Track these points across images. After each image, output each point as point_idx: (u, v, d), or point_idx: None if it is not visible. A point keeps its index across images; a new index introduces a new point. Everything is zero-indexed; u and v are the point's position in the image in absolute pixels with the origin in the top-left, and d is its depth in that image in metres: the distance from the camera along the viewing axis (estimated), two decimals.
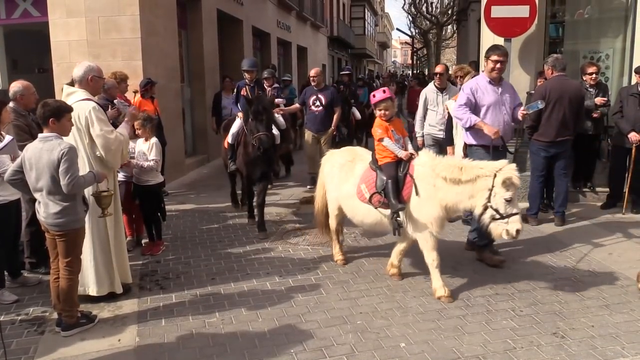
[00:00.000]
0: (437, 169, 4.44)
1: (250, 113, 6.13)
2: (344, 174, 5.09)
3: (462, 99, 5.35)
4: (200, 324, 4.23)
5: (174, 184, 9.25)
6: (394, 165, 4.73)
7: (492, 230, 4.29)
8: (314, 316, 4.30)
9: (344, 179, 5.08)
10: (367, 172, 4.93)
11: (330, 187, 5.31)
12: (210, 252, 5.89)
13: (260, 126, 6.09)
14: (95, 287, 4.57)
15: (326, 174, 5.38)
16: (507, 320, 4.19)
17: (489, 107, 5.35)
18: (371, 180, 4.82)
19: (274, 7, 18.62)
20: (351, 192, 4.98)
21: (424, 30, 38.83)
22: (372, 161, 4.97)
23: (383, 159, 4.80)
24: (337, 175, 5.16)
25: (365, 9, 42.00)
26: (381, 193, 4.71)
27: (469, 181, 4.28)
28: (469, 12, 18.26)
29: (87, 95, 4.51)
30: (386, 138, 4.76)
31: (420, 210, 4.55)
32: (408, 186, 4.62)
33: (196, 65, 11.83)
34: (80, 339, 3.99)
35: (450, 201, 4.41)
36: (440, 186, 4.42)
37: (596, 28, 8.44)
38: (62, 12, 8.78)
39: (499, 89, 5.41)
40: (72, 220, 3.95)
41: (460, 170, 4.33)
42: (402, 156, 4.71)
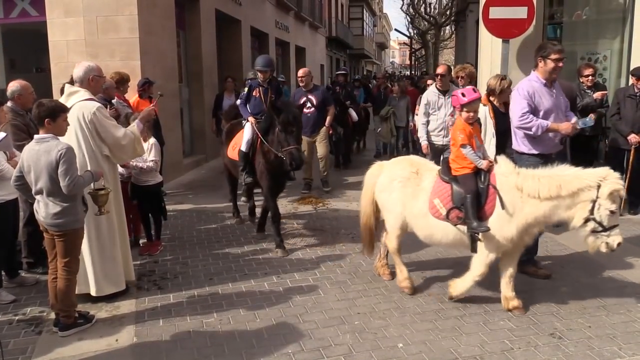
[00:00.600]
0: (526, 182, 4.01)
1: (279, 123, 5.52)
2: (410, 189, 4.51)
3: (522, 105, 4.76)
4: (198, 324, 4.23)
5: (172, 184, 9.25)
6: (473, 177, 4.25)
7: (590, 244, 3.94)
8: (312, 316, 4.31)
9: (410, 195, 4.49)
10: (438, 185, 4.40)
11: (388, 204, 4.68)
12: (208, 252, 5.89)
13: (290, 139, 5.51)
14: (95, 287, 4.56)
15: (381, 188, 4.75)
16: (504, 320, 4.19)
17: (548, 113, 4.84)
18: (446, 194, 4.31)
19: (273, 7, 18.62)
20: (423, 210, 4.42)
21: (422, 31, 38.89)
22: (442, 171, 4.48)
23: (460, 169, 4.31)
24: (399, 190, 4.55)
25: (364, 10, 42.03)
26: (460, 208, 4.22)
27: (568, 194, 3.89)
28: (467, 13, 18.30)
29: (89, 94, 4.51)
30: (468, 145, 4.27)
31: (502, 226, 4.10)
32: (492, 199, 4.16)
33: (194, 65, 11.82)
34: (77, 339, 3.99)
35: (541, 214, 4.00)
36: (529, 199, 4.00)
37: (594, 29, 8.46)
38: (60, 12, 8.77)
39: (554, 91, 4.94)
40: (72, 220, 3.95)
41: (556, 182, 3.92)
42: (483, 167, 4.24)
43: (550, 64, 4.78)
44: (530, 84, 4.88)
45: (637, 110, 6.79)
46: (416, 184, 4.51)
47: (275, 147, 5.68)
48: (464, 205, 4.19)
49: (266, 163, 5.89)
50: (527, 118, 4.74)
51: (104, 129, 4.46)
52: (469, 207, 4.16)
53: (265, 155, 5.90)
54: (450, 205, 4.26)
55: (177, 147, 10.35)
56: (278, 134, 5.57)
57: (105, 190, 4.30)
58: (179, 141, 10.49)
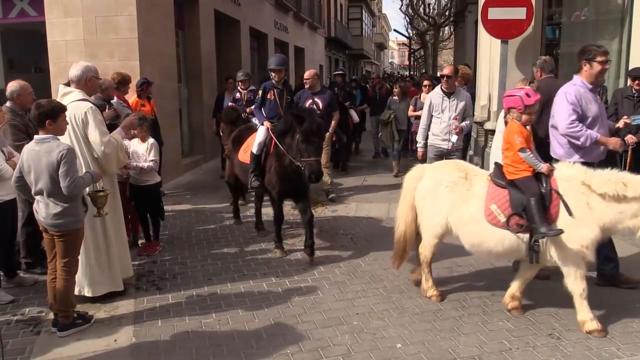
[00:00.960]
0: (594, 184, 3.84)
1: (301, 132, 5.22)
2: (459, 195, 4.25)
3: (570, 112, 4.49)
4: (196, 324, 4.23)
5: (170, 184, 9.24)
6: (534, 180, 4.04)
7: None
8: (311, 317, 4.31)
9: (459, 201, 4.24)
10: (494, 190, 4.17)
11: (430, 212, 4.42)
12: (207, 253, 5.89)
13: (311, 150, 5.23)
14: (89, 288, 4.56)
15: (423, 194, 4.49)
16: (503, 321, 4.20)
17: (595, 120, 4.55)
18: (503, 199, 4.09)
19: (272, 7, 18.62)
20: (476, 216, 4.16)
21: (421, 32, 38.94)
22: (495, 175, 4.25)
23: (518, 172, 4.09)
24: (446, 196, 4.30)
25: (363, 10, 42.02)
26: (521, 215, 3.99)
27: (636, 198, 3.71)
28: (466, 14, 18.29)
29: (83, 95, 4.51)
30: (527, 149, 4.08)
31: (572, 233, 3.86)
32: (555, 204, 3.95)
33: (193, 65, 11.81)
34: (76, 339, 3.99)
35: (607, 221, 3.82)
36: (595, 204, 3.83)
37: (593, 30, 8.46)
38: (59, 12, 8.76)
39: (597, 97, 4.67)
40: (72, 220, 3.96)
41: (624, 185, 3.73)
42: (544, 171, 4.04)
43: (596, 67, 4.55)
44: (577, 89, 4.58)
45: (635, 110, 6.80)
46: (465, 189, 4.26)
47: (293, 154, 5.42)
48: (525, 211, 3.96)
49: (279, 167, 5.62)
50: (576, 126, 4.46)
51: (91, 130, 4.41)
52: (534, 212, 3.90)
53: (279, 159, 5.64)
54: (509, 212, 4.02)
55: (176, 147, 10.34)
56: (299, 143, 5.28)
57: (104, 192, 4.32)
58: (177, 141, 10.48)
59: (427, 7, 37.77)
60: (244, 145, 6.31)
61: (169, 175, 9.24)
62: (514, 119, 4.20)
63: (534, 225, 3.89)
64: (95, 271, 4.55)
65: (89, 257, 4.52)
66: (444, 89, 6.72)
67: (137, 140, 5.79)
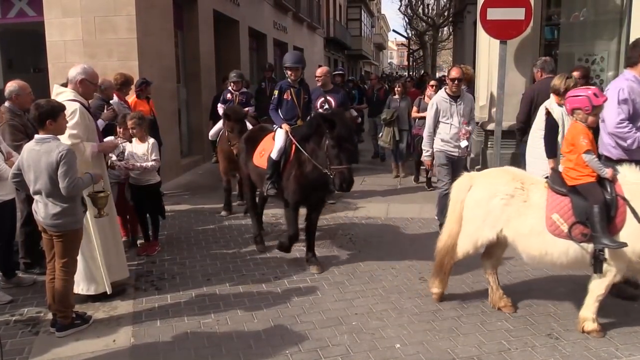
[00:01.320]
0: None
1: (332, 137, 4.78)
2: (515, 208, 3.99)
3: (619, 110, 4.33)
4: (195, 324, 4.22)
5: (169, 185, 9.24)
6: (597, 186, 3.81)
7: None
8: (310, 317, 4.31)
9: (516, 214, 3.98)
10: (553, 198, 3.93)
11: (479, 223, 4.15)
12: (206, 253, 5.89)
13: (344, 157, 4.80)
14: (85, 285, 4.56)
15: (475, 205, 4.20)
16: (501, 321, 4.20)
17: None
18: (565, 208, 3.84)
19: (271, 8, 18.62)
20: (537, 228, 3.91)
21: (420, 32, 38.98)
22: (554, 182, 4.01)
23: (581, 177, 3.86)
24: (502, 210, 4.02)
25: (362, 11, 42.04)
26: (585, 223, 3.75)
27: None
28: (465, 14, 18.31)
29: (74, 96, 4.47)
30: (592, 152, 3.86)
31: (637, 241, 3.67)
32: (621, 212, 3.73)
33: (192, 65, 11.81)
34: (75, 340, 3.99)
35: None
36: None
37: (591, 31, 8.48)
38: (58, 12, 8.76)
39: None
40: (71, 221, 3.96)
41: None
42: (608, 176, 3.82)
43: None
44: (630, 84, 4.38)
45: None
46: (522, 200, 4.00)
47: (319, 161, 5.02)
48: (589, 219, 3.73)
49: (300, 175, 5.24)
50: (625, 127, 4.30)
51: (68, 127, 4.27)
52: (597, 221, 3.68)
53: (300, 166, 5.26)
54: (572, 220, 3.79)
55: (175, 148, 10.34)
56: (329, 149, 4.82)
57: (104, 192, 4.31)
58: (176, 141, 10.47)
59: (426, 8, 37.79)
60: (259, 149, 5.86)
61: (168, 176, 9.24)
62: (578, 120, 3.99)
63: (596, 234, 3.69)
64: (91, 269, 4.54)
65: (84, 255, 4.50)
66: (450, 92, 6.31)
67: (136, 140, 5.79)
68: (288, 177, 5.37)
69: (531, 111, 6.23)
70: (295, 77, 5.93)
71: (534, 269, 5.22)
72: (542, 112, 5.05)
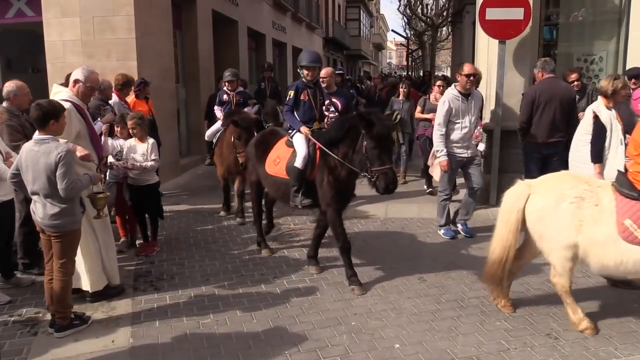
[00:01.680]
0: None
1: (372, 137, 4.51)
2: (589, 211, 3.74)
3: None
4: (194, 325, 4.22)
5: (168, 185, 9.23)
6: None
7: None
8: (309, 317, 4.31)
9: (590, 218, 3.73)
10: (623, 202, 3.70)
11: (554, 234, 3.88)
12: (205, 253, 5.88)
13: (386, 157, 4.58)
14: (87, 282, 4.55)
15: (541, 215, 3.94)
16: (500, 321, 4.20)
17: None
18: (638, 213, 3.63)
19: (270, 8, 18.62)
20: (612, 235, 3.67)
21: (419, 32, 38.96)
22: (620, 185, 3.79)
23: None
24: (573, 214, 3.76)
25: (361, 11, 42.03)
26: None
27: None
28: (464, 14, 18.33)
29: (69, 96, 4.45)
30: None
31: None
32: None
33: (191, 65, 11.80)
34: (73, 340, 3.98)
35: None
36: None
37: (590, 31, 8.48)
38: (57, 12, 8.75)
39: None
40: (69, 221, 3.95)
41: None
42: None
43: None
44: None
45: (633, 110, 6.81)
46: (594, 204, 3.74)
47: (356, 164, 4.74)
48: None
49: (335, 181, 4.92)
50: None
51: None
52: None
53: (333, 172, 4.92)
54: None
55: (174, 148, 10.33)
56: (368, 150, 4.56)
57: (103, 193, 4.31)
58: (175, 142, 10.46)
59: (424, 8, 37.79)
60: (272, 155, 5.50)
61: (167, 176, 9.23)
62: None
63: None
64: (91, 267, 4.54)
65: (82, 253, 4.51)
66: (462, 89, 6.03)
67: (136, 140, 5.78)
68: (320, 184, 5.01)
69: (532, 111, 6.24)
70: (312, 77, 5.61)
71: (531, 270, 5.23)
72: (589, 115, 4.92)
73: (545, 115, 6.26)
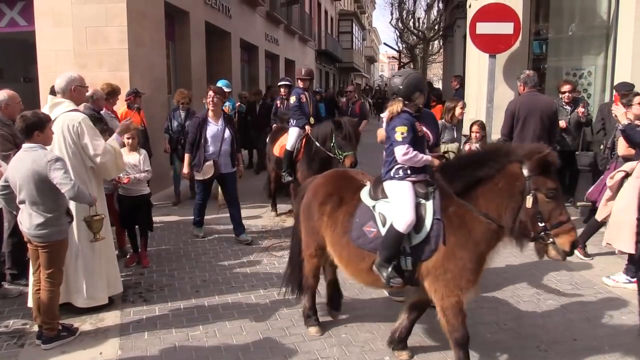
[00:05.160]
0: None
1: None
2: None
3: None
4: (183, 337, 4.19)
5: (158, 196, 9.19)
6: None
7: None
8: (299, 329, 4.28)
9: None
10: None
11: None
12: (195, 265, 5.85)
13: None
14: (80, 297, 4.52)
15: None
16: (491, 334, 4.20)
17: None
18: None
19: (262, 20, 18.71)
20: None
21: (411, 45, 39.31)
22: None
23: None
24: None
25: (353, 24, 42.33)
26: None
27: None
28: (455, 28, 18.51)
29: (74, 106, 4.49)
30: None
31: None
32: None
33: (183, 76, 11.82)
34: (60, 352, 3.93)
35: None
36: None
37: (579, 45, 8.61)
38: (49, 22, 8.75)
39: None
40: (55, 231, 3.92)
41: None
42: None
43: None
44: None
45: None
46: None
47: None
48: None
49: None
50: None
51: (87, 141, 4.39)
52: None
53: None
54: None
55: (165, 159, 10.28)
56: None
57: (99, 215, 4.28)
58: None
59: (416, 21, 38.17)
60: None
61: (157, 187, 9.19)
62: None
63: None
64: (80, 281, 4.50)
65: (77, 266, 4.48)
66: None
67: (126, 150, 5.77)
68: None
69: (513, 124, 6.31)
70: None
71: (521, 282, 5.25)
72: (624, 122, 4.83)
73: (526, 128, 6.31)
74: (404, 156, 3.56)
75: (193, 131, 6.60)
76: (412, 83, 3.72)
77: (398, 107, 3.66)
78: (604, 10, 8.24)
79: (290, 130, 7.47)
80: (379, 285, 3.79)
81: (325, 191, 3.96)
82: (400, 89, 3.72)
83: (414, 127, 3.70)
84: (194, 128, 6.61)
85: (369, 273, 3.66)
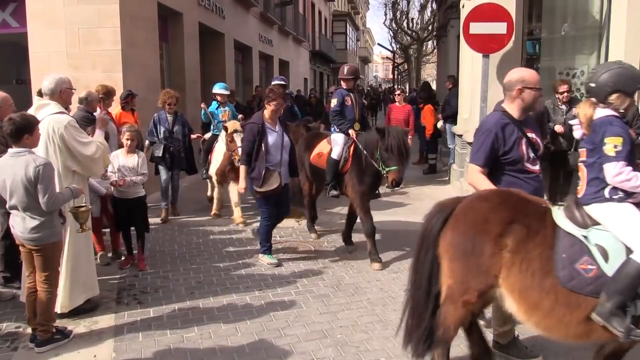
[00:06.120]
0: None
1: None
2: None
3: None
4: (178, 338, 4.17)
5: (153, 197, 9.14)
6: None
7: None
8: (294, 330, 4.28)
9: None
10: None
11: None
12: (189, 266, 5.83)
13: None
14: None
15: None
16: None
17: None
18: None
19: (256, 21, 18.70)
20: None
21: (405, 46, 39.44)
22: None
23: None
24: None
25: (347, 24, 42.39)
26: None
27: None
28: (449, 29, 18.53)
29: (60, 108, 4.44)
30: None
31: None
32: None
33: (177, 78, 11.80)
34: (54, 355, 3.91)
35: None
36: None
37: (571, 45, 8.64)
38: (41, 23, 8.71)
39: None
40: (49, 234, 3.89)
41: None
42: None
43: None
44: None
45: None
46: None
47: None
48: None
49: None
50: None
51: (74, 144, 4.34)
52: None
53: None
54: None
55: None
56: None
57: (85, 206, 4.25)
58: None
59: (410, 22, 38.26)
60: None
61: (152, 188, 9.14)
62: None
63: None
64: None
65: None
66: None
67: (123, 152, 5.75)
68: None
69: None
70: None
71: None
72: None
73: None
74: (616, 177, 2.87)
75: (250, 139, 5.71)
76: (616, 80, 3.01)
77: (598, 111, 3.00)
78: (596, 10, 8.28)
79: (333, 136, 6.33)
80: (590, 338, 3.00)
81: (500, 218, 3.01)
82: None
83: (631, 138, 2.97)
84: (251, 135, 5.72)
85: (581, 324, 2.89)
